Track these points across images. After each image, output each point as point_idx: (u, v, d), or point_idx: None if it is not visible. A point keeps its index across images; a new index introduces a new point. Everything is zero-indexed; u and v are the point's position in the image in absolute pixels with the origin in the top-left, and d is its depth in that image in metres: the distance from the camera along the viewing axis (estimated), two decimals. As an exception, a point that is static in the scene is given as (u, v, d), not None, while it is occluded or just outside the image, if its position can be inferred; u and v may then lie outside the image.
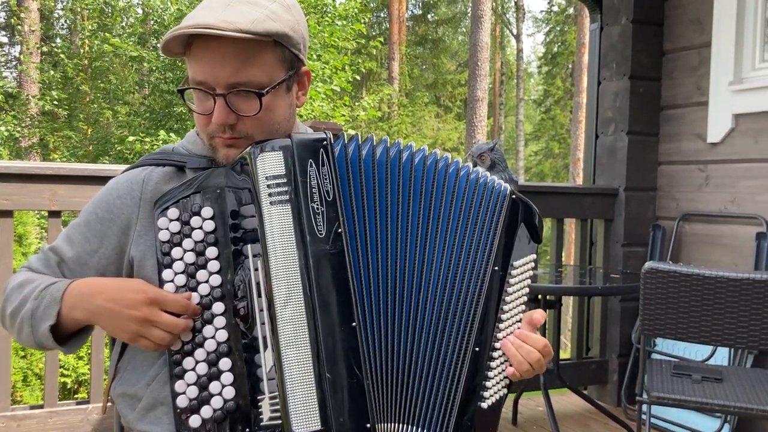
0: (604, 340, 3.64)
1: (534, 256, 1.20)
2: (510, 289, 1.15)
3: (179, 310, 1.04)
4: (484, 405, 1.11)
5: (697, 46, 3.41)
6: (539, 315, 1.17)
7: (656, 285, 2.18)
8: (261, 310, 1.02)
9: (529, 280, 1.19)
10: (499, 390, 1.14)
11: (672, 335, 2.23)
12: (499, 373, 1.14)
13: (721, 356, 3.09)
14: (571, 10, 21.47)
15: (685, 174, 3.46)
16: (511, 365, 1.13)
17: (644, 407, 2.51)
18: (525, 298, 1.18)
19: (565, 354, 4.46)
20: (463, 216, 1.15)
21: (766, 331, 2.10)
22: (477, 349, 1.12)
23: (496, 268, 1.14)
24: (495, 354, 1.13)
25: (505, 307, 1.14)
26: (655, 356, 3.33)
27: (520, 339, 1.14)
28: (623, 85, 3.56)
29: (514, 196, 1.17)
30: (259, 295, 1.02)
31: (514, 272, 1.16)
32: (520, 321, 1.17)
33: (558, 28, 23.43)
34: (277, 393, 1.00)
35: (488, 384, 1.12)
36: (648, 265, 2.19)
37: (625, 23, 3.55)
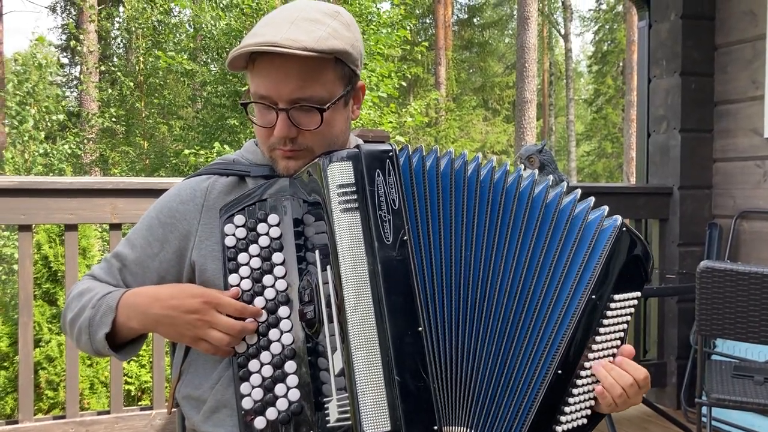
0: (662, 342, 3.57)
1: (638, 294, 1.19)
2: (606, 321, 1.15)
3: (234, 312, 1.08)
4: (559, 429, 1.12)
5: (751, 39, 3.33)
6: (629, 349, 1.17)
7: (712, 284, 2.14)
8: (329, 314, 1.05)
9: (629, 317, 1.18)
10: (578, 418, 1.14)
11: (731, 336, 2.18)
12: (582, 401, 1.14)
13: (786, 357, 2.99)
14: (620, 8, 21.09)
15: (742, 170, 3.38)
16: (599, 385, 1.13)
17: (704, 410, 2.46)
18: (622, 334, 1.18)
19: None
20: (548, 236, 1.15)
21: (832, 330, 2.04)
22: (560, 372, 1.11)
23: (594, 296, 1.14)
24: (579, 381, 1.13)
25: (598, 338, 1.14)
26: (714, 358, 3.25)
27: (615, 363, 1.15)
28: (674, 82, 3.50)
29: (624, 228, 1.16)
30: (327, 300, 1.05)
31: (613, 305, 1.16)
32: (614, 355, 1.17)
33: (607, 27, 23.05)
34: (345, 395, 1.03)
35: (567, 409, 1.12)
36: (703, 264, 2.16)
37: (675, 19, 3.49)
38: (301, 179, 1.12)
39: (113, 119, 11.96)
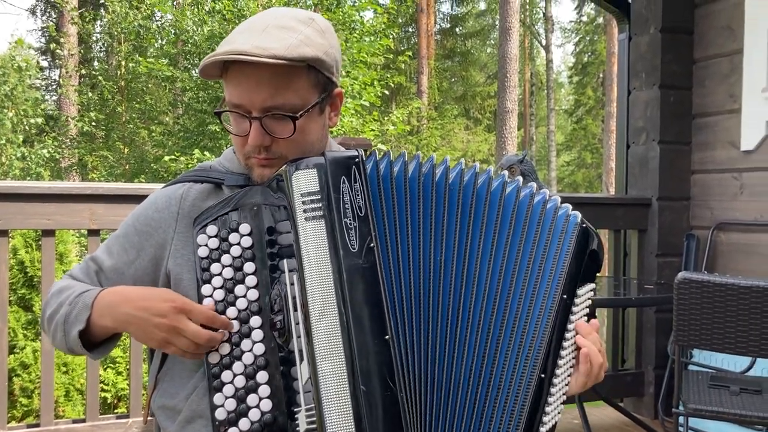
0: (640, 352, 3.59)
1: (594, 284, 1.20)
2: (573, 317, 1.16)
3: (205, 321, 1.07)
4: (543, 430, 1.12)
5: (728, 54, 3.38)
6: (594, 323, 1.18)
7: (690, 295, 2.16)
8: (297, 324, 1.05)
9: (588, 309, 1.19)
10: (556, 414, 1.14)
11: (708, 346, 2.20)
12: (558, 397, 1.14)
13: (761, 368, 3.03)
14: (600, 20, 21.33)
15: (719, 182, 3.42)
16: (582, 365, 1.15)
17: (681, 419, 2.48)
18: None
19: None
20: (522, 237, 1.15)
21: (806, 341, 2.07)
22: (543, 375, 1.12)
23: (565, 296, 1.14)
24: (556, 380, 1.13)
25: (568, 335, 1.15)
26: (691, 368, 3.28)
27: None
28: (653, 94, 3.54)
29: (584, 225, 1.17)
30: (295, 309, 1.05)
31: (577, 300, 1.17)
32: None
33: (587, 38, 23.32)
34: (313, 405, 1.02)
35: (548, 409, 1.12)
36: (681, 275, 2.17)
37: (654, 33, 3.53)
38: (272, 187, 1.12)
39: (93, 123, 11.86)
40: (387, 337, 1.04)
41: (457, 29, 23.71)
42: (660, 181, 3.51)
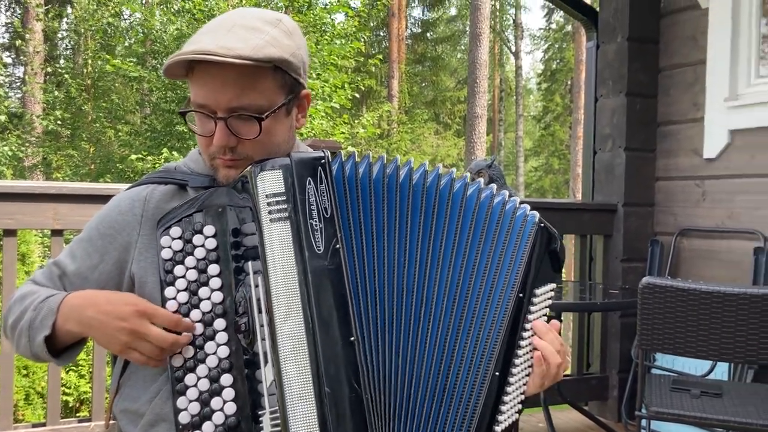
0: (605, 356, 3.64)
1: (554, 285, 1.21)
2: (531, 317, 1.17)
3: (168, 324, 1.05)
4: (498, 429, 1.13)
5: (692, 63, 3.45)
6: (554, 323, 1.19)
7: (654, 300, 2.19)
8: (261, 326, 1.04)
9: (548, 309, 1.20)
10: (513, 414, 1.15)
11: (671, 350, 2.24)
12: (515, 397, 1.15)
13: (721, 371, 3.09)
14: (569, 28, 21.62)
15: (683, 189, 3.49)
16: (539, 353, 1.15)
17: (644, 422, 2.52)
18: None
19: (566, 370, 4.46)
20: (482, 237, 1.15)
21: (765, 346, 2.11)
22: (497, 373, 1.13)
23: (521, 294, 1.15)
24: (512, 379, 1.14)
25: (525, 334, 1.16)
26: (654, 371, 3.33)
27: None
28: (620, 102, 3.59)
29: (542, 224, 1.18)
30: (260, 311, 1.04)
31: (535, 300, 1.18)
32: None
33: (556, 46, 23.61)
34: (277, 408, 1.02)
35: (504, 408, 1.13)
36: (645, 280, 2.21)
37: (621, 41, 3.59)
38: (237, 188, 1.11)
39: (58, 122, 11.65)
40: (352, 338, 1.04)
41: (427, 34, 23.82)
42: (625, 187, 3.57)
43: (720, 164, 3.30)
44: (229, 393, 1.05)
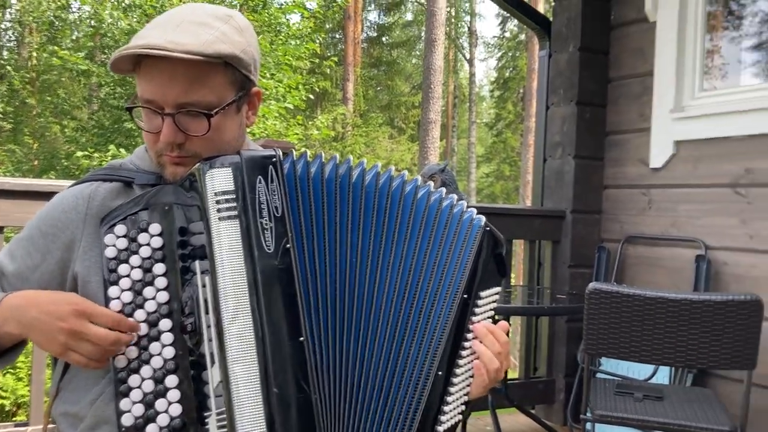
0: (551, 360, 3.70)
1: (499, 288, 1.23)
2: (475, 318, 1.18)
3: (110, 324, 1.02)
4: (441, 429, 1.13)
5: (640, 75, 3.54)
6: (503, 324, 1.20)
7: (599, 305, 2.24)
8: (209, 327, 1.02)
9: (493, 312, 1.21)
10: (456, 415, 1.16)
11: (615, 355, 2.28)
12: (458, 398, 1.16)
13: (663, 375, 3.17)
14: (522, 37, 21.97)
15: (629, 198, 3.57)
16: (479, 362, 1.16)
17: (588, 425, 2.56)
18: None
19: (513, 374, 4.52)
20: (430, 240, 1.16)
21: (704, 351, 2.18)
22: (440, 373, 1.13)
23: (465, 296, 1.16)
24: (455, 380, 1.15)
25: (469, 336, 1.17)
26: (600, 376, 3.40)
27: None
28: (570, 110, 3.66)
29: (488, 228, 1.20)
30: (207, 312, 1.02)
31: (480, 302, 1.19)
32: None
33: (510, 54, 23.95)
34: (224, 409, 1.00)
35: (446, 408, 1.14)
36: (591, 285, 2.25)
37: (573, 51, 3.66)
38: (184, 186, 1.09)
39: (0, 115, 11.28)
40: (302, 339, 1.03)
41: (383, 38, 23.89)
42: (574, 194, 3.63)
43: (665, 174, 3.39)
44: (174, 394, 1.03)
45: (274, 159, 1.07)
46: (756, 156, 3.00)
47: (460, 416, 1.17)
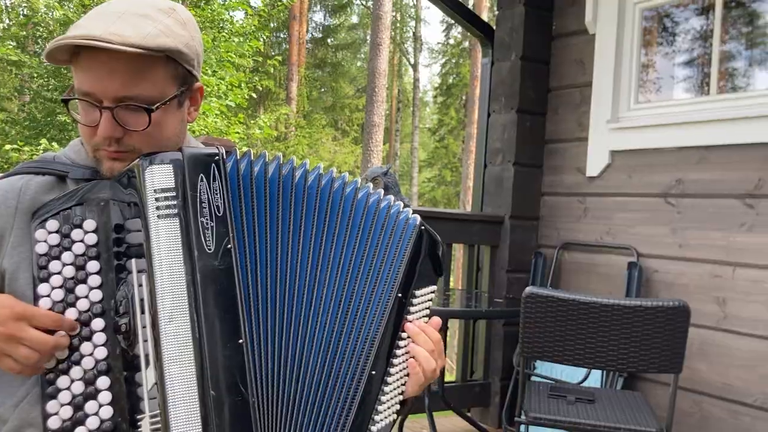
0: (488, 364, 3.75)
1: (435, 287, 1.23)
2: (410, 317, 1.18)
3: (50, 325, 0.98)
4: (374, 429, 1.13)
5: (579, 85, 3.63)
6: (435, 321, 1.21)
7: (535, 309, 2.28)
8: (144, 327, 0.99)
9: (428, 311, 1.22)
10: (390, 414, 1.16)
11: (549, 358, 2.33)
12: (393, 397, 1.16)
13: (595, 378, 3.26)
14: (466, 44, 22.27)
15: (566, 205, 3.66)
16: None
17: (522, 428, 2.61)
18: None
19: (450, 377, 4.57)
20: (368, 240, 1.17)
21: (634, 355, 2.24)
22: (374, 372, 1.13)
23: (400, 295, 1.17)
24: (390, 379, 1.15)
25: (404, 335, 1.17)
26: (535, 379, 3.46)
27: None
28: (511, 118, 3.73)
29: (423, 227, 1.20)
30: (143, 312, 1.00)
31: (415, 301, 1.19)
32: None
33: (453, 61, 24.24)
34: (158, 412, 0.97)
35: (380, 408, 1.14)
36: (528, 290, 2.29)
37: (515, 60, 3.73)
38: (122, 182, 1.05)
39: None
40: (240, 341, 1.01)
41: (329, 40, 23.84)
42: (513, 200, 3.70)
43: (601, 183, 3.49)
44: (105, 396, 1.00)
45: (217, 157, 1.05)
46: (686, 167, 3.12)
47: (395, 415, 1.17)
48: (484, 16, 14.51)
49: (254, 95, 11.64)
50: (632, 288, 3.23)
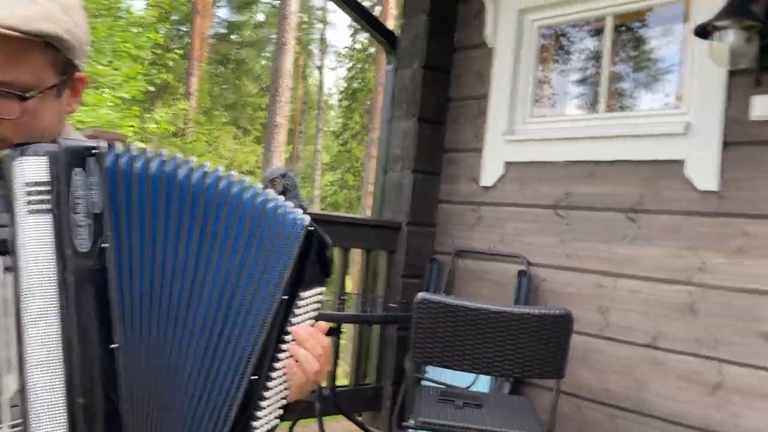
0: (381, 368, 3.77)
1: (323, 288, 1.21)
2: (295, 320, 1.15)
3: None
4: None
5: (478, 97, 3.72)
6: (321, 325, 1.19)
7: (427, 315, 2.31)
8: (7, 330, 0.92)
9: (315, 312, 1.20)
10: (272, 419, 1.13)
11: (439, 363, 2.37)
12: (275, 402, 1.13)
13: (484, 383, 3.34)
14: (372, 50, 22.44)
15: (461, 213, 3.74)
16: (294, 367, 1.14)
17: (411, 432, 2.63)
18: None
19: (343, 381, 4.56)
20: (254, 241, 1.13)
21: (520, 361, 2.31)
22: (254, 377, 1.10)
23: (285, 296, 1.13)
24: (271, 384, 1.12)
25: (287, 337, 1.14)
26: (425, 383, 3.51)
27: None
28: (412, 125, 3.77)
29: (311, 228, 1.18)
30: (6, 313, 0.92)
31: (301, 302, 1.16)
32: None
33: (359, 66, 24.36)
34: (20, 421, 0.91)
35: (260, 414, 1.11)
36: (420, 295, 2.32)
37: (417, 68, 3.78)
38: None
39: None
40: (113, 346, 0.96)
41: (233, 36, 23.39)
42: (411, 207, 3.74)
43: (495, 193, 3.58)
44: None
45: (95, 150, 0.99)
46: (575, 181, 3.26)
47: (278, 420, 1.14)
48: (390, 24, 14.67)
49: (152, 88, 11.24)
50: (521, 296, 3.34)
